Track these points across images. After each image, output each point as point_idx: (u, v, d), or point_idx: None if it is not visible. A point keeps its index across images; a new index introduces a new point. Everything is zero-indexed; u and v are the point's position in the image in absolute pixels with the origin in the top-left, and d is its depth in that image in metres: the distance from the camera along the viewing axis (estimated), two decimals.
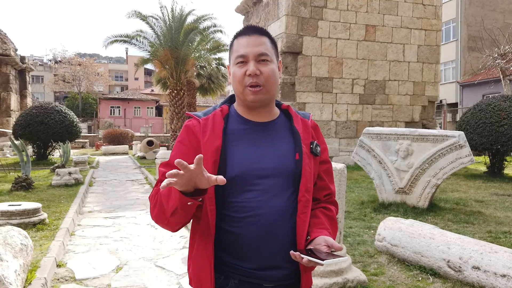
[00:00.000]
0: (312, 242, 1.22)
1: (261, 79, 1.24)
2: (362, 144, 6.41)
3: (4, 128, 19.81)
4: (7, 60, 20.97)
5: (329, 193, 1.38)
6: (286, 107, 1.37)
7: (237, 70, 1.27)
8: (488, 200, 7.03)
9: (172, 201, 1.10)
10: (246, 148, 1.24)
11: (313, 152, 1.30)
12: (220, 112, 1.30)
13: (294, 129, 1.31)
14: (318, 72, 12.61)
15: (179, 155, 1.24)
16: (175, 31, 16.99)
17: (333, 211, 1.36)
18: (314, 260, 1.10)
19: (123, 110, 46.23)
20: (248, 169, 1.21)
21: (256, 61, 1.25)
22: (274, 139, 1.29)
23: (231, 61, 1.31)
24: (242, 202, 1.21)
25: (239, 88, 1.27)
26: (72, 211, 6.09)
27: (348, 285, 3.14)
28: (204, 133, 1.25)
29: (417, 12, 13.53)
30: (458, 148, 5.63)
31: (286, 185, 1.24)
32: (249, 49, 1.25)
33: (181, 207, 1.09)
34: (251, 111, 1.30)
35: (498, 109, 9.63)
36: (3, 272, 2.66)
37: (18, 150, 9.39)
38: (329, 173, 1.40)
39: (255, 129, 1.29)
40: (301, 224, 1.24)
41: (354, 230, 4.97)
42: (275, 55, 1.31)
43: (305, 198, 1.25)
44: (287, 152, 1.27)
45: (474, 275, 3.13)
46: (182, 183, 1.03)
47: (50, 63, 56.01)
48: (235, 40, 1.31)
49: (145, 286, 3.53)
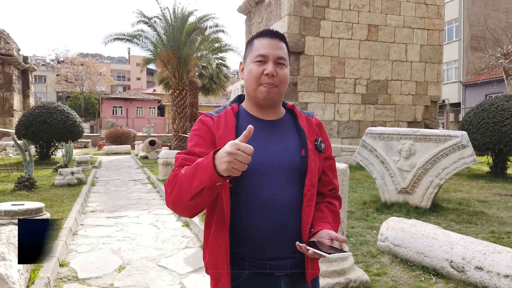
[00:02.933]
0: (315, 234, 1.28)
1: (276, 80, 1.32)
2: (364, 144, 6.40)
3: (7, 128, 19.87)
4: (10, 60, 21.03)
5: (333, 188, 1.45)
6: (291, 106, 1.45)
7: (254, 67, 1.33)
8: (491, 200, 7.00)
9: (197, 182, 1.11)
10: (257, 145, 1.26)
11: (317, 149, 1.38)
12: (231, 110, 1.37)
13: (299, 127, 1.38)
14: (320, 72, 12.60)
15: (198, 145, 1.30)
16: (177, 31, 16.99)
17: (336, 206, 1.44)
18: (320, 253, 1.15)
19: (125, 110, 46.30)
20: (259, 165, 1.26)
21: (274, 63, 1.33)
22: (281, 136, 1.36)
23: (249, 58, 1.37)
24: (253, 196, 1.27)
25: (254, 85, 1.34)
26: (74, 211, 6.11)
27: (350, 285, 3.14)
28: (218, 129, 1.31)
29: (419, 11, 13.51)
30: (461, 148, 5.62)
31: (293, 179, 1.31)
32: (270, 51, 1.33)
33: (210, 186, 1.10)
34: (260, 110, 1.38)
35: (501, 109, 9.59)
36: (7, 272, 2.67)
37: (21, 150, 9.42)
38: (333, 169, 1.47)
39: (264, 126, 1.36)
40: (306, 217, 1.31)
41: (357, 230, 4.96)
42: (288, 61, 1.39)
43: (310, 192, 1.32)
44: (293, 149, 1.34)
45: (477, 276, 3.12)
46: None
47: (52, 63, 56.17)
48: (256, 40, 1.37)
49: (147, 286, 3.53)
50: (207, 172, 1.09)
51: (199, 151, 1.27)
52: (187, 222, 5.73)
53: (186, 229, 5.55)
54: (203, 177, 1.10)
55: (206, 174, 1.09)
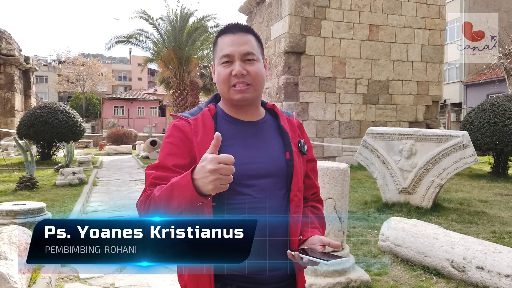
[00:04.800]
0: (305, 242, 1.19)
1: (248, 78, 1.22)
2: (365, 144, 6.40)
3: (9, 128, 19.91)
4: (11, 61, 21.07)
5: (315, 191, 1.38)
6: (271, 106, 1.35)
7: (222, 70, 1.23)
8: (492, 200, 6.99)
9: (175, 204, 1.04)
10: (238, 148, 1.20)
11: (301, 151, 1.29)
12: (208, 111, 1.26)
13: (282, 128, 1.29)
14: (321, 72, 12.59)
15: (171, 156, 1.19)
16: (178, 31, 17.02)
17: (321, 209, 1.36)
18: (316, 260, 1.07)
19: (127, 110, 46.34)
20: (242, 170, 1.15)
21: (242, 60, 1.21)
22: (263, 138, 1.26)
23: (216, 60, 1.26)
24: (237, 204, 1.17)
25: (224, 89, 1.23)
26: (76, 211, 6.11)
27: (351, 285, 3.14)
28: (196, 133, 1.20)
29: (421, 11, 13.49)
30: (462, 148, 5.61)
31: (279, 185, 1.22)
32: (235, 48, 1.21)
33: (190, 207, 1.03)
34: (238, 110, 1.27)
35: (503, 108, 9.58)
36: (8, 271, 2.67)
37: (22, 150, 9.44)
38: (315, 171, 1.40)
39: (244, 128, 1.26)
40: (294, 224, 1.21)
41: (358, 230, 4.96)
42: (261, 54, 1.27)
43: (297, 197, 1.24)
44: (277, 152, 1.25)
45: (478, 275, 3.11)
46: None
47: (54, 64, 56.23)
48: (219, 38, 1.26)
49: (148, 285, 3.54)
50: (186, 193, 1.01)
51: (172, 163, 1.16)
52: None
53: None
54: (181, 200, 1.02)
55: (185, 195, 1.01)
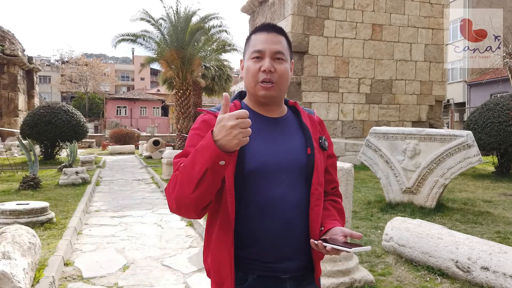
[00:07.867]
0: (327, 233, 1.26)
1: (275, 76, 1.27)
2: (368, 143, 6.38)
3: (12, 128, 19.98)
4: (15, 61, 21.15)
5: (335, 186, 1.45)
6: (293, 103, 1.41)
7: (252, 64, 1.28)
8: (496, 200, 6.96)
9: (199, 166, 1.06)
10: (262, 143, 1.26)
11: (321, 147, 1.36)
12: (234, 107, 1.29)
13: (303, 125, 1.35)
14: (324, 72, 12.57)
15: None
16: (181, 31, 17.01)
17: (340, 203, 1.43)
18: (341, 248, 1.13)
19: (130, 110, 46.43)
20: (265, 164, 1.23)
21: (271, 58, 1.27)
22: (286, 134, 1.32)
23: (246, 55, 1.32)
24: (259, 196, 1.22)
25: (252, 83, 1.29)
26: (79, 210, 6.13)
27: (355, 285, 3.12)
28: None
29: (424, 11, 13.44)
30: (466, 147, 5.58)
31: (300, 179, 1.28)
32: (267, 46, 1.27)
33: (212, 166, 1.04)
34: (262, 107, 1.33)
35: (507, 108, 9.53)
36: (12, 270, 2.67)
37: (25, 150, 9.47)
38: (335, 167, 1.46)
39: (268, 124, 1.32)
40: (315, 216, 1.28)
41: (361, 230, 4.95)
42: (289, 55, 1.33)
43: (317, 191, 1.29)
44: (299, 147, 1.31)
45: (483, 276, 3.09)
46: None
47: (57, 64, 56.39)
48: (253, 35, 1.32)
49: (152, 285, 3.54)
50: (207, 151, 1.04)
51: None
52: (191, 222, 5.73)
53: (190, 228, 5.55)
54: (203, 159, 1.05)
55: (206, 153, 1.04)
